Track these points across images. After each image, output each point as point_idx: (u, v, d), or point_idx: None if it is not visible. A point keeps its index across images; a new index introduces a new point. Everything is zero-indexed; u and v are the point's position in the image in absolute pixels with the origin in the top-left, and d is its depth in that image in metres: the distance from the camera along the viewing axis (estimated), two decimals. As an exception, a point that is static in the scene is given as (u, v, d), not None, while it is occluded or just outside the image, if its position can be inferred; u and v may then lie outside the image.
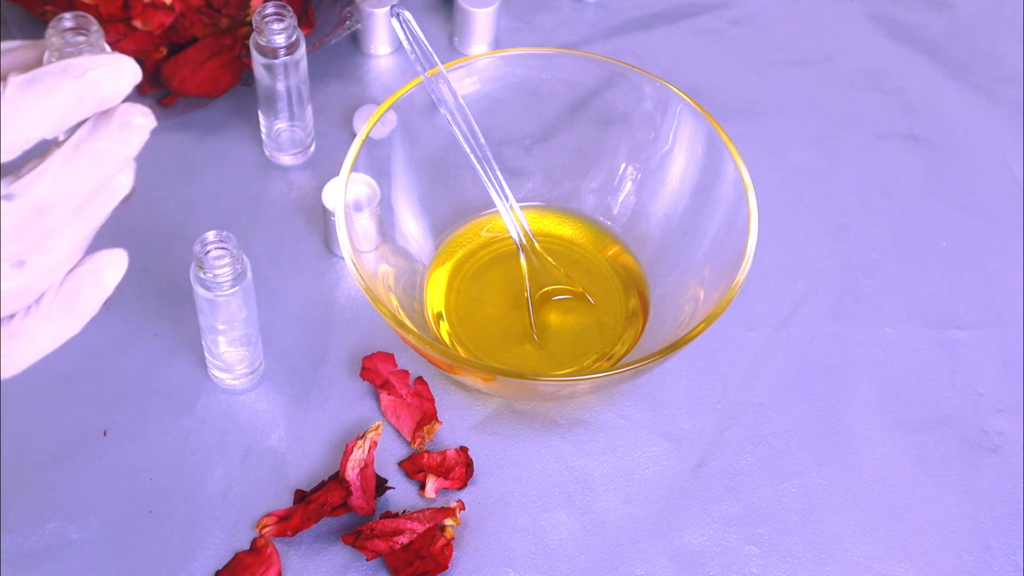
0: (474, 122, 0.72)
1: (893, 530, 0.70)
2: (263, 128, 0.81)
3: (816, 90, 0.88)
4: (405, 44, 0.71)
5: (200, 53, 0.82)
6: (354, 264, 0.66)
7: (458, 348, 0.74)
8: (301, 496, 0.69)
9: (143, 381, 0.73)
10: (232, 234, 0.65)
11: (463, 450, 0.70)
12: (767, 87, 0.88)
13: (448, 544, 0.67)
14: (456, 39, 0.88)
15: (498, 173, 0.73)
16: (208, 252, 0.65)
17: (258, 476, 0.70)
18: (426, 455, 0.70)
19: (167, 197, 0.80)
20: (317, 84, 0.85)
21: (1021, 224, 0.82)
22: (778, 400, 0.74)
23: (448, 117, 0.71)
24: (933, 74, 0.90)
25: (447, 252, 0.77)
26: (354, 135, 0.82)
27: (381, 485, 0.69)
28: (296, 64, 0.76)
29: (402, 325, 0.66)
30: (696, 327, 0.65)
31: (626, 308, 0.76)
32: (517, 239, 0.74)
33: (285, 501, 0.69)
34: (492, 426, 0.72)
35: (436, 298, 0.75)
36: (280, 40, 0.75)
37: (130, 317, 0.75)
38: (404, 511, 0.68)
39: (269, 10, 0.74)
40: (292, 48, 0.76)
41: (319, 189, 0.78)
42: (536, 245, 0.75)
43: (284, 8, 0.75)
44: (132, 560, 0.67)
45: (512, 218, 0.74)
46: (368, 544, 0.66)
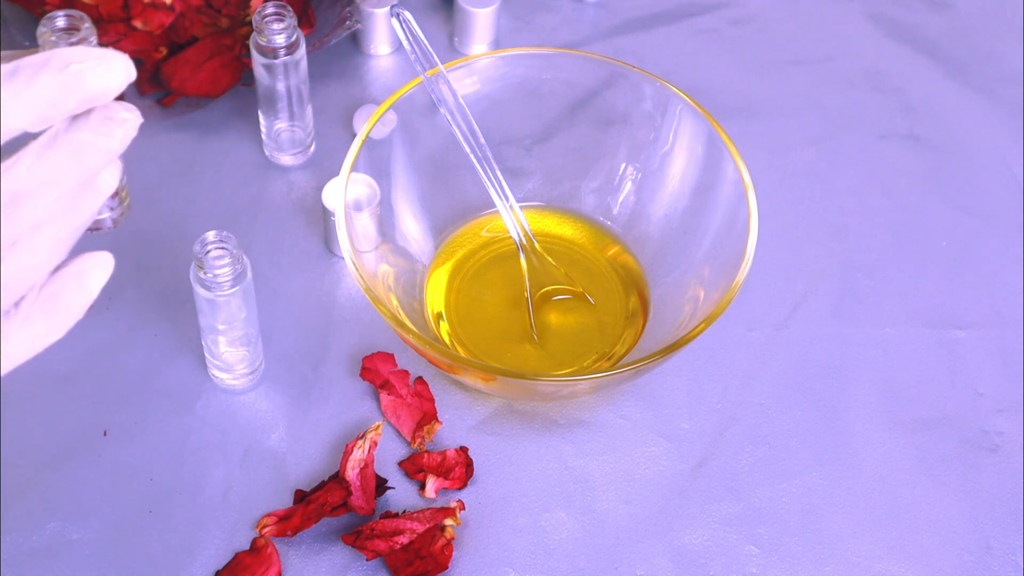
0: (474, 122, 0.72)
1: (893, 530, 0.70)
2: (263, 128, 0.81)
3: (816, 90, 0.88)
4: (405, 44, 0.71)
5: (200, 53, 0.82)
6: (354, 264, 0.66)
7: (458, 348, 0.74)
8: (301, 496, 0.69)
9: (143, 381, 0.73)
10: (232, 234, 0.65)
11: (463, 450, 0.70)
12: (767, 87, 0.88)
13: (448, 544, 0.67)
14: (456, 39, 0.88)
15: (498, 173, 0.73)
16: (208, 252, 0.65)
17: (258, 476, 0.70)
18: (426, 455, 0.70)
19: (167, 197, 0.80)
20: (317, 84, 0.85)
21: (1021, 224, 0.82)
22: (778, 400, 0.74)
23: (448, 117, 0.71)
24: (933, 74, 0.90)
25: (447, 252, 0.77)
26: (354, 135, 0.81)
27: (381, 485, 0.69)
28: (296, 64, 0.76)
29: (402, 325, 0.66)
30: (696, 327, 0.65)
31: (626, 308, 0.75)
32: (517, 239, 0.74)
33: (285, 501, 0.69)
34: (492, 426, 0.72)
35: (436, 298, 0.75)
36: (280, 40, 0.75)
37: (130, 317, 0.75)
38: (404, 511, 0.68)
39: (269, 10, 0.74)
40: (292, 48, 0.75)
41: (319, 189, 0.78)
42: (536, 245, 0.75)
43: (284, 8, 0.75)
44: (132, 560, 0.67)
45: (512, 218, 0.74)
46: (368, 544, 0.66)
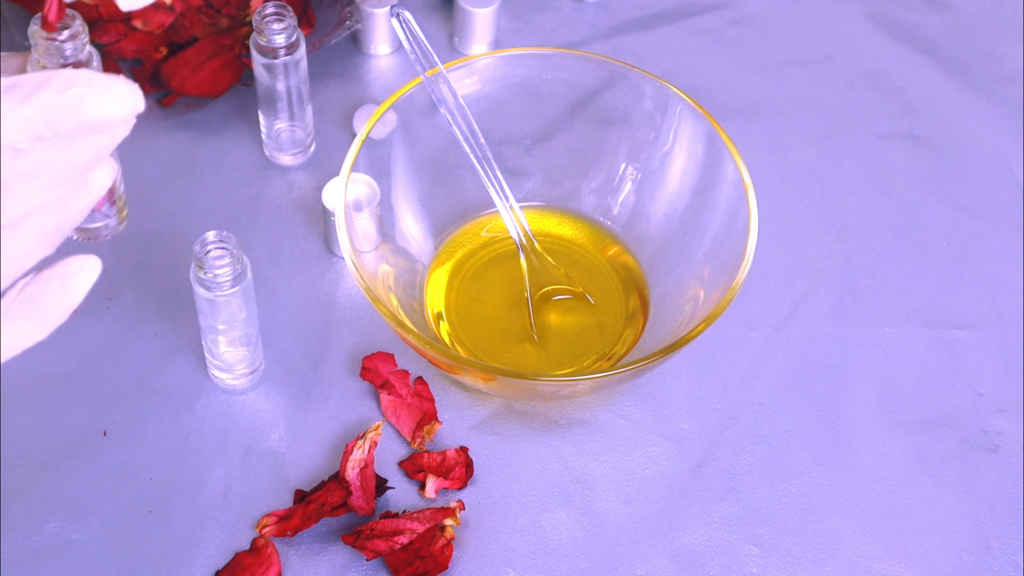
0: (474, 122, 0.72)
1: (893, 530, 0.70)
2: (263, 128, 0.81)
3: (816, 90, 0.88)
4: (405, 44, 0.71)
5: (200, 53, 0.82)
6: (354, 264, 0.66)
7: (458, 348, 0.74)
8: (301, 496, 0.69)
9: (143, 381, 0.73)
10: (232, 234, 0.65)
11: (463, 450, 0.70)
12: (767, 87, 0.88)
13: (448, 544, 0.67)
14: (456, 39, 0.88)
15: (498, 173, 0.73)
16: (208, 252, 0.65)
17: (258, 476, 0.70)
18: (426, 455, 0.70)
19: (167, 197, 0.80)
20: (317, 84, 0.85)
21: (1021, 224, 0.82)
22: (778, 400, 0.74)
23: (448, 117, 0.71)
24: (933, 74, 0.90)
25: (447, 252, 0.77)
26: (354, 135, 0.81)
27: (381, 485, 0.69)
28: (296, 64, 0.76)
29: (402, 325, 0.66)
30: (696, 327, 0.65)
31: (626, 308, 0.75)
32: (517, 239, 0.74)
33: (285, 501, 0.69)
34: (492, 426, 0.72)
35: (436, 298, 0.75)
36: (280, 40, 0.75)
37: (130, 317, 0.75)
38: (404, 511, 0.68)
39: (269, 10, 0.74)
40: (292, 48, 0.75)
41: (319, 189, 0.78)
42: (536, 245, 0.75)
43: (284, 8, 0.75)
44: (132, 560, 0.67)
45: (512, 218, 0.74)
46: (368, 544, 0.66)
